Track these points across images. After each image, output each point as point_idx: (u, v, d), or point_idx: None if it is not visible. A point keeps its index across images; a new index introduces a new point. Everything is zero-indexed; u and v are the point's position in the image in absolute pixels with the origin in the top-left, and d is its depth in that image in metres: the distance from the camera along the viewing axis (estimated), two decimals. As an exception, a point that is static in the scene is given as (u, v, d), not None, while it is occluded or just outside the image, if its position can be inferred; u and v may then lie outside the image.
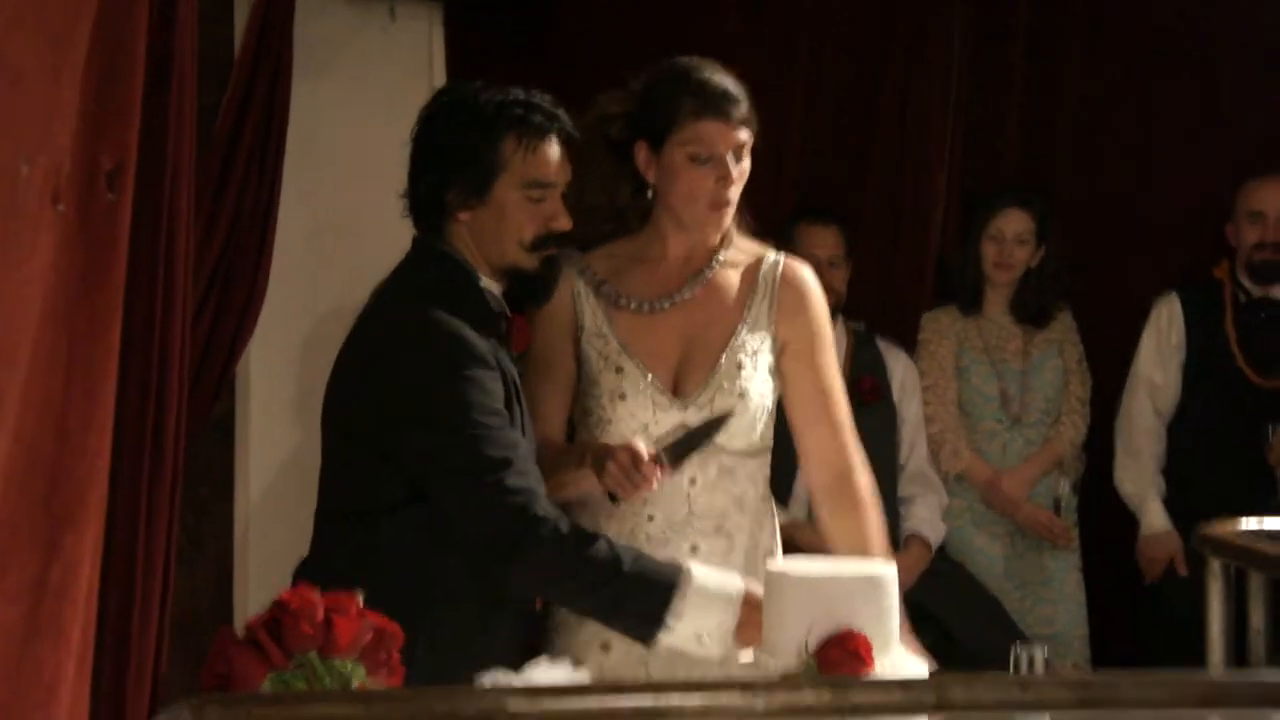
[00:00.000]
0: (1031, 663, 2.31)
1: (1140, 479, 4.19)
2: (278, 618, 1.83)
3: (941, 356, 4.24)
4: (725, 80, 2.63)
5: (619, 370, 2.62)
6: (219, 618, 3.86)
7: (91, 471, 1.54)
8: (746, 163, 2.63)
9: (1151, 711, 1.69)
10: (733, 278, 2.70)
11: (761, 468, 2.70)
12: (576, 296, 2.66)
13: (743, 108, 2.62)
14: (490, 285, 2.58)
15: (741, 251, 2.73)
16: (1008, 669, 2.33)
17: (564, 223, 2.57)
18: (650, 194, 2.67)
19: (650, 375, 2.62)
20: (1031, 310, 4.24)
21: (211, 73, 3.20)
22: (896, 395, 4.19)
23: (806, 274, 2.75)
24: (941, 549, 4.15)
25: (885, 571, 2.17)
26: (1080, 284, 4.32)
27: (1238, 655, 2.81)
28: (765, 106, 4.33)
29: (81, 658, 1.58)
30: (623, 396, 2.60)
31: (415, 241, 2.62)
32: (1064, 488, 4.20)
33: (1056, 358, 4.26)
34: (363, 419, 2.50)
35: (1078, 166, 4.49)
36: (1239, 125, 4.39)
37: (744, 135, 2.61)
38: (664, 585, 2.41)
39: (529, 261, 2.57)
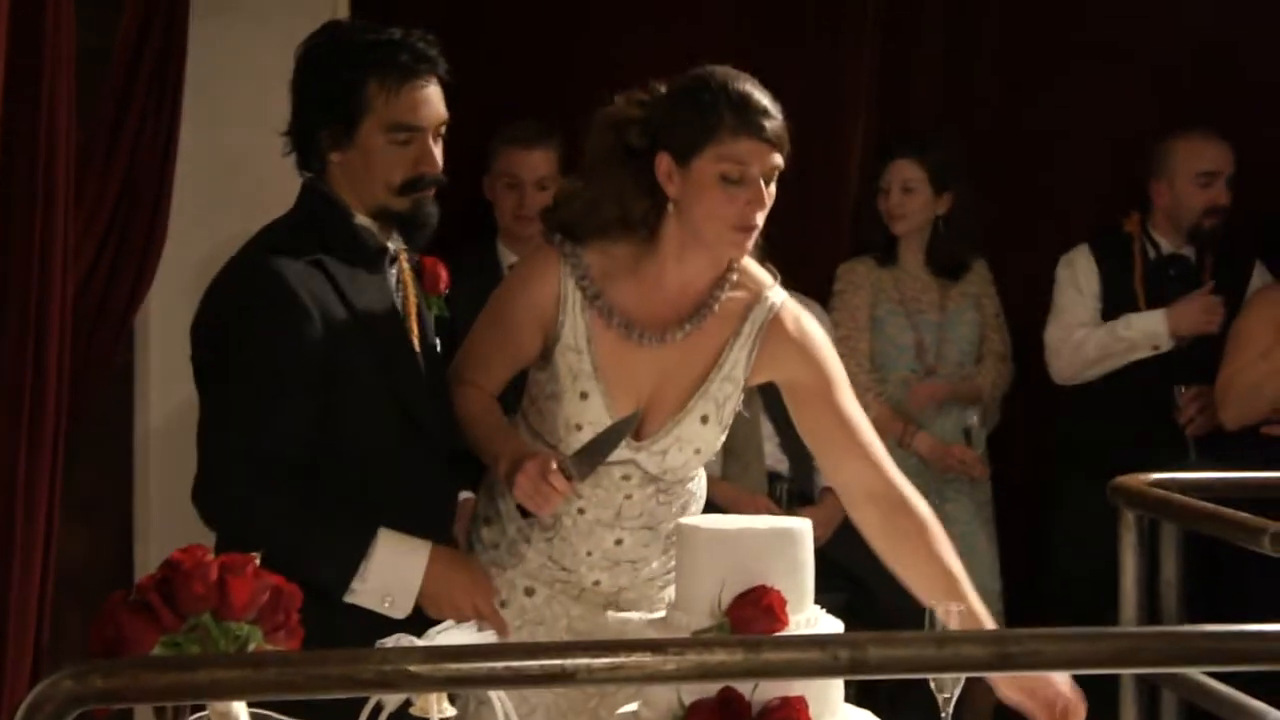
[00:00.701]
0: (935, 622, 2.28)
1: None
2: (169, 578, 1.76)
3: (855, 306, 4.21)
4: (765, 98, 2.43)
5: (584, 396, 2.48)
6: (120, 577, 3.76)
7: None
8: (774, 188, 2.43)
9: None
10: (725, 314, 2.53)
11: (693, 480, 2.62)
12: (563, 301, 2.49)
13: (781, 128, 2.43)
14: (366, 223, 2.56)
15: (742, 284, 2.54)
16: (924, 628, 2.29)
17: (434, 166, 2.54)
18: (668, 207, 2.45)
19: (613, 413, 2.48)
20: (943, 261, 4.22)
21: (104, 14, 3.08)
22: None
23: (803, 320, 2.57)
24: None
25: (799, 524, 2.13)
26: (994, 237, 4.31)
27: (1150, 610, 2.82)
28: (673, 43, 4.33)
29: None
30: (579, 427, 2.47)
31: (303, 183, 2.61)
32: (973, 419, 4.19)
33: (973, 310, 4.25)
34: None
35: (998, 112, 4.47)
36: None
37: (779, 159, 2.42)
38: (353, 546, 2.43)
39: (399, 204, 2.54)
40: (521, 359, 2.57)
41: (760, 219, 2.43)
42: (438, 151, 2.57)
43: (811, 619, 2.09)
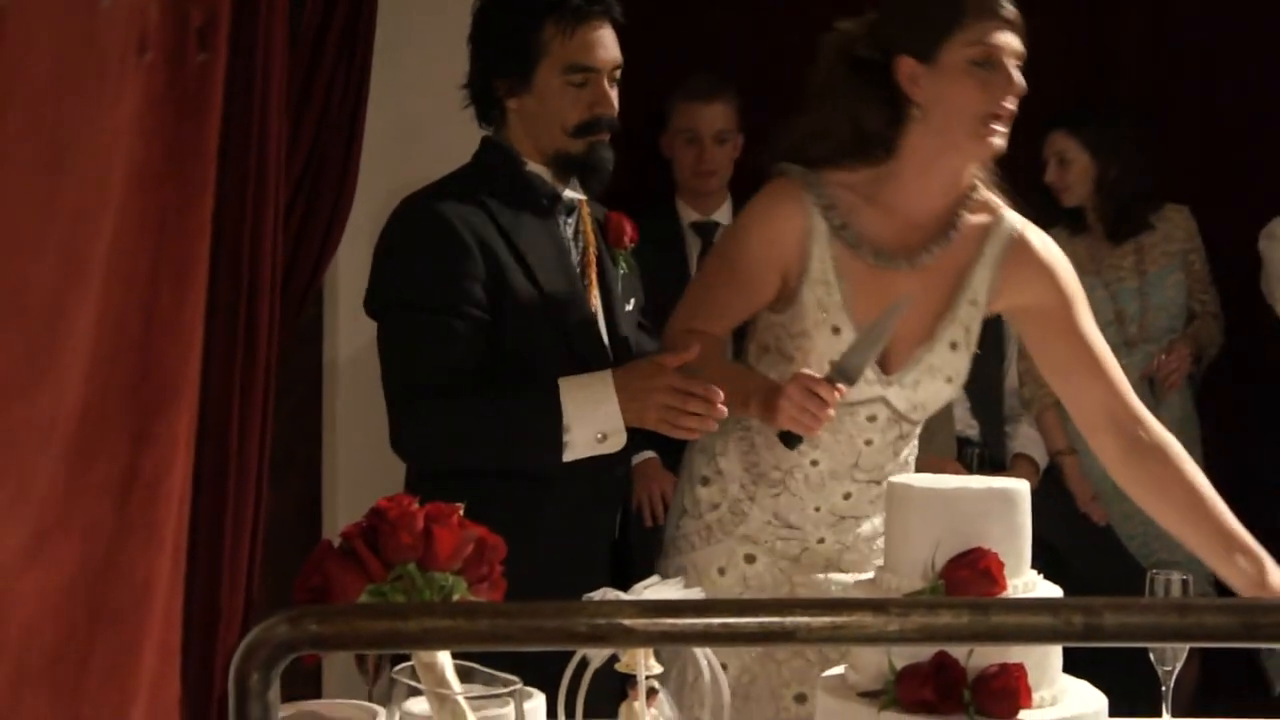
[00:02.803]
0: (1168, 589, 2.16)
1: None
2: (375, 526, 1.74)
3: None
4: None
5: (835, 330, 2.41)
6: (307, 531, 3.81)
7: (185, 354, 1.43)
8: (1023, 82, 2.38)
9: None
10: (966, 236, 2.47)
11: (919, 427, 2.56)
12: (809, 235, 2.42)
13: (1017, 12, 2.40)
14: (539, 170, 2.58)
15: (980, 206, 2.49)
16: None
17: (609, 108, 2.54)
18: (910, 116, 2.40)
19: None
20: (1119, 222, 4.04)
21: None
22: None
23: (1044, 243, 2.51)
24: (1049, 469, 4.00)
25: (1018, 485, 2.04)
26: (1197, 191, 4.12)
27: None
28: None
29: (174, 559, 1.49)
30: (832, 362, 2.38)
31: (481, 138, 2.64)
32: (1159, 367, 3.98)
33: (1179, 271, 4.07)
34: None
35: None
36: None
37: (1020, 44, 2.39)
38: (546, 405, 2.41)
39: (576, 147, 2.55)
40: (759, 301, 2.50)
41: (1012, 106, 2.37)
42: (613, 95, 2.57)
43: (1029, 584, 1.99)
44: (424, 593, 1.73)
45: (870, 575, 2.13)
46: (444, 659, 1.74)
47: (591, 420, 2.41)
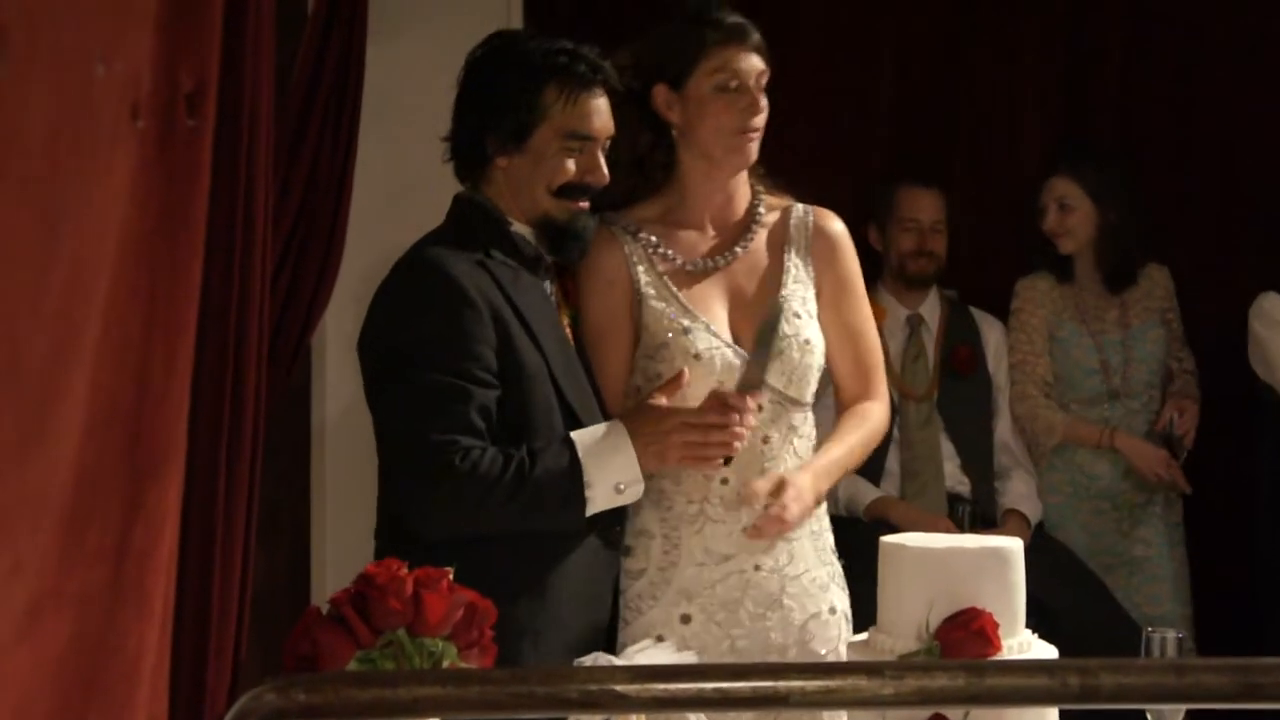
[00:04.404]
0: (1164, 648, 2.15)
1: None
2: (364, 592, 1.72)
3: (1034, 327, 4.06)
4: (737, 14, 2.64)
5: (686, 331, 2.58)
6: (295, 596, 3.78)
7: (174, 421, 1.42)
8: (766, 100, 2.61)
9: None
10: (768, 233, 2.70)
11: (811, 421, 2.70)
12: (631, 262, 2.62)
13: (758, 37, 2.62)
14: (523, 230, 2.57)
15: (772, 206, 2.72)
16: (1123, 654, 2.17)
17: (600, 178, 2.56)
18: (672, 137, 2.63)
19: (717, 333, 2.59)
20: (1113, 272, 4.03)
21: (285, 29, 3.09)
22: (992, 365, 4.06)
23: (837, 222, 2.75)
24: (1040, 525, 3.99)
25: (1011, 544, 2.03)
26: (1174, 247, 4.13)
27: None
28: (855, 65, 4.24)
29: (163, 630, 1.47)
30: (697, 356, 2.57)
31: (454, 196, 2.63)
32: (1176, 420, 3.97)
33: (1159, 327, 4.07)
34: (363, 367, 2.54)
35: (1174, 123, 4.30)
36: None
37: (763, 64, 2.62)
38: (564, 464, 2.39)
39: (559, 210, 2.55)
40: (627, 349, 2.62)
41: (759, 123, 2.61)
42: (603, 164, 2.58)
43: (1024, 643, 1.98)
44: (414, 659, 1.71)
45: (864, 636, 2.12)
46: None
47: (610, 471, 2.40)
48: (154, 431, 1.42)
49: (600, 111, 2.56)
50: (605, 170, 2.56)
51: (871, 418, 2.73)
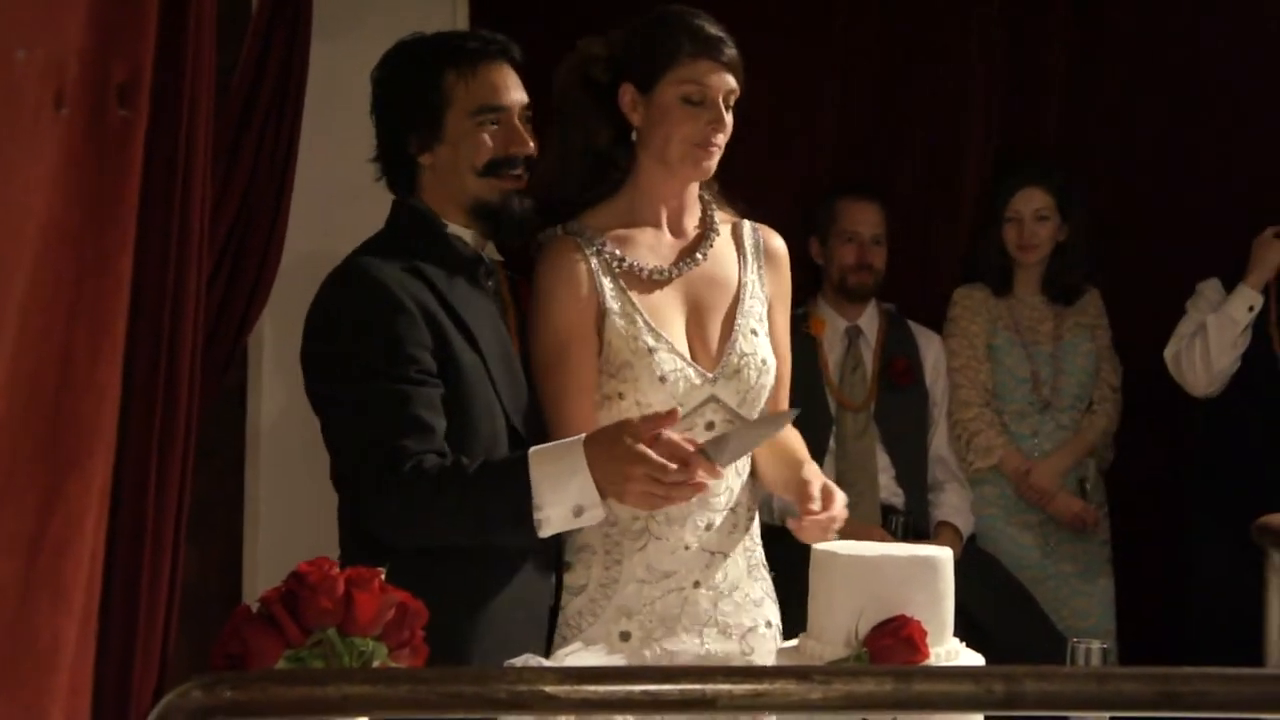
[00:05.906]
0: (1088, 658, 2.17)
1: None
2: (294, 591, 1.71)
3: (973, 334, 4.11)
4: (719, 29, 2.59)
5: (651, 350, 2.52)
6: (226, 596, 3.75)
7: (98, 412, 1.40)
8: (731, 117, 2.57)
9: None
10: (723, 245, 2.67)
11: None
12: (595, 273, 2.55)
13: (735, 54, 2.58)
14: (460, 232, 2.56)
15: (723, 219, 2.71)
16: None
17: (523, 145, 2.54)
18: (632, 139, 2.59)
19: (681, 353, 2.54)
20: (1061, 288, 4.10)
21: (229, 27, 3.07)
22: (929, 378, 4.09)
23: (780, 240, 2.75)
24: (972, 539, 4.03)
25: (941, 553, 2.05)
26: (1111, 265, 4.19)
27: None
28: (799, 76, 4.26)
29: (84, 623, 1.45)
30: (663, 379, 2.51)
31: (393, 202, 2.62)
32: (1090, 470, 4.07)
33: (1088, 341, 4.13)
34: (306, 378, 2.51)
35: (1117, 137, 4.35)
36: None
37: (734, 82, 2.57)
38: (513, 483, 2.33)
39: (489, 191, 2.53)
40: (592, 366, 2.55)
41: (721, 140, 2.57)
42: (528, 134, 2.56)
43: (952, 651, 2.00)
44: (343, 658, 1.70)
45: (794, 643, 2.13)
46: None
47: (565, 494, 2.32)
48: (76, 423, 1.40)
49: (504, 81, 2.55)
50: (529, 139, 2.54)
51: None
